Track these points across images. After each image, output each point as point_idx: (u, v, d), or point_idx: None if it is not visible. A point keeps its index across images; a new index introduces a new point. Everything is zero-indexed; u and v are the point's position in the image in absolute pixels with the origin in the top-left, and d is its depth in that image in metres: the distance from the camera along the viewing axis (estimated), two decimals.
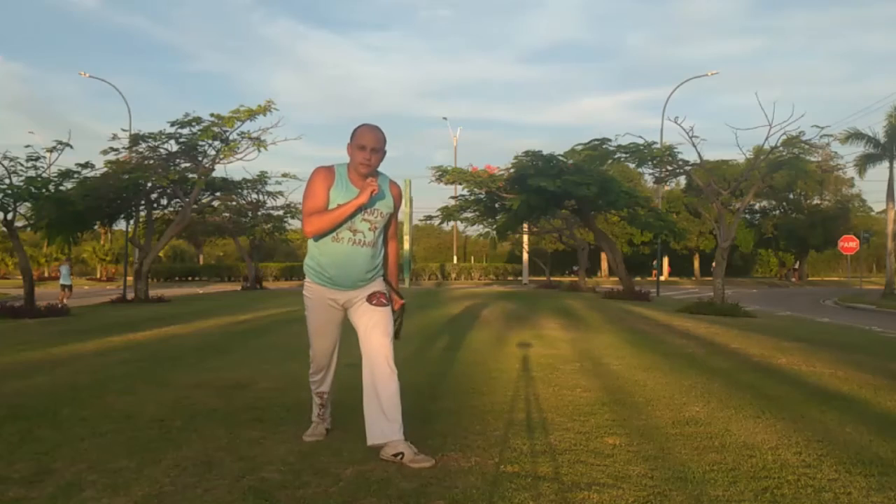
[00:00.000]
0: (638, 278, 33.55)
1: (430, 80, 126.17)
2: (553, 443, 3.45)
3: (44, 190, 13.72)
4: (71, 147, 14.65)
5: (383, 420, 3.07)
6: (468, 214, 25.40)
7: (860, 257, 48.57)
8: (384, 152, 3.19)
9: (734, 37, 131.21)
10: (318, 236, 3.20)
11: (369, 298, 3.26)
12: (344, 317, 3.37)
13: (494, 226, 24.16)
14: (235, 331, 9.44)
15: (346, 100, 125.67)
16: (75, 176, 15.30)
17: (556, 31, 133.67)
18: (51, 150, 15.29)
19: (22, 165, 13.67)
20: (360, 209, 3.15)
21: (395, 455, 3.01)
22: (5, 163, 13.37)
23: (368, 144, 3.11)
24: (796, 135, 14.62)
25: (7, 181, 13.21)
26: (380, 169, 3.26)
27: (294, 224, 29.69)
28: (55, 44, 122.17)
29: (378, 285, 3.32)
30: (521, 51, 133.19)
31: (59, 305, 14.48)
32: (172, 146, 17.16)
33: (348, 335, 3.43)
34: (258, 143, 16.91)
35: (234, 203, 25.10)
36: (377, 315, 3.23)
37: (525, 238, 33.51)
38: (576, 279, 28.35)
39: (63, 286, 19.52)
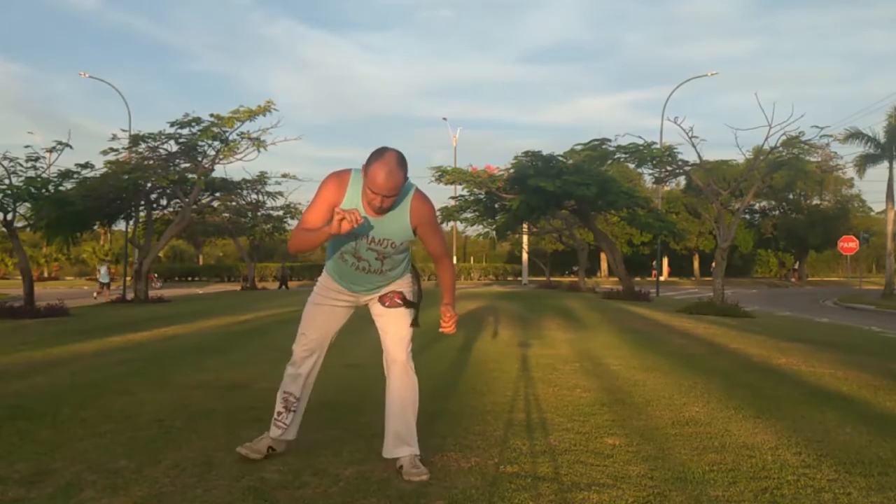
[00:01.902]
0: (637, 278, 33.54)
1: (430, 81, 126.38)
2: (553, 443, 3.45)
3: (43, 190, 13.71)
4: (70, 147, 14.67)
5: (393, 437, 2.96)
6: (468, 215, 25.42)
7: (860, 257, 48.58)
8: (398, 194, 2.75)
9: (734, 37, 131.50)
10: (329, 249, 2.98)
11: (381, 299, 3.03)
12: (347, 319, 3.16)
13: (494, 226, 24.18)
14: (235, 331, 9.44)
15: (346, 100, 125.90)
16: (75, 176, 15.30)
17: (556, 31, 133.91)
18: (50, 151, 15.30)
19: (22, 166, 13.68)
20: (357, 237, 2.81)
21: (399, 467, 2.93)
22: (5, 163, 13.37)
23: (382, 192, 2.67)
24: (796, 135, 14.64)
25: (7, 181, 13.22)
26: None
27: (294, 224, 29.70)
28: (55, 44, 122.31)
29: (397, 285, 3.07)
30: (521, 51, 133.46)
31: (95, 297, 16.41)
32: (172, 146, 17.17)
33: (347, 338, 3.42)
34: (258, 143, 16.92)
35: (233, 203, 25.12)
36: (390, 318, 3.02)
37: (525, 238, 33.52)
38: (575, 279, 28.37)
39: (102, 284, 22.02)
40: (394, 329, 3.01)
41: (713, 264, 16.81)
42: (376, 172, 2.66)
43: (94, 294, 20.36)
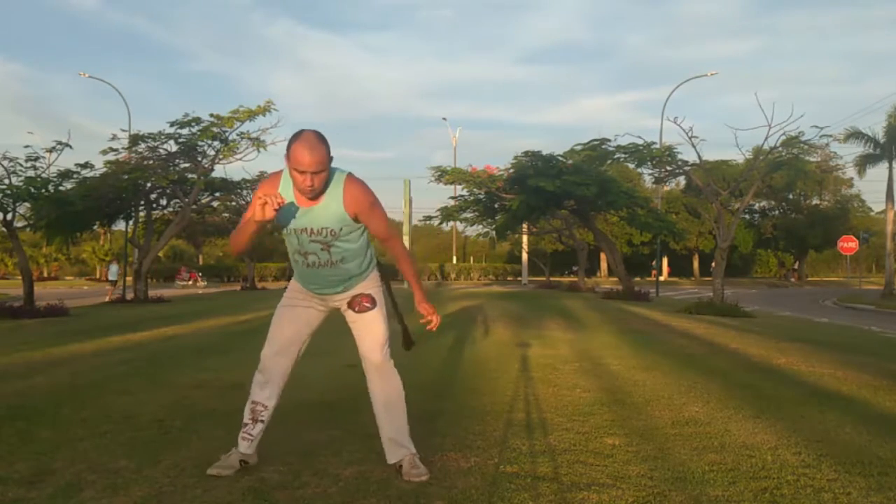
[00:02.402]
0: (637, 278, 33.56)
1: (430, 81, 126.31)
2: (552, 443, 3.45)
3: (43, 190, 13.71)
4: (70, 147, 14.66)
5: (388, 442, 2.97)
6: (468, 215, 25.42)
7: (859, 257, 48.59)
8: (328, 169, 2.71)
9: (734, 37, 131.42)
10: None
11: (351, 304, 2.98)
12: (319, 323, 3.08)
13: (494, 226, 24.18)
14: (235, 331, 9.44)
15: (346, 100, 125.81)
16: (75, 176, 15.30)
17: (555, 31, 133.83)
18: (50, 151, 15.29)
19: (21, 166, 13.67)
20: (297, 231, 2.81)
21: (398, 467, 2.92)
22: (5, 163, 13.37)
23: (308, 169, 2.63)
24: (796, 135, 14.64)
25: (7, 181, 13.21)
26: (337, 168, 2.79)
27: None
28: (55, 44, 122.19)
29: (364, 287, 2.99)
30: (521, 51, 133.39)
31: (108, 299, 17.84)
32: (172, 146, 17.15)
33: (346, 338, 3.42)
34: (257, 143, 16.91)
35: (233, 203, 25.08)
36: (362, 322, 2.98)
37: (524, 238, 33.52)
38: (575, 279, 28.36)
39: (112, 282, 22.59)
40: (367, 334, 2.97)
41: (713, 264, 16.83)
42: (298, 151, 2.63)
43: (107, 297, 20.49)
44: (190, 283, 34.08)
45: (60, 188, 14.79)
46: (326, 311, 3.08)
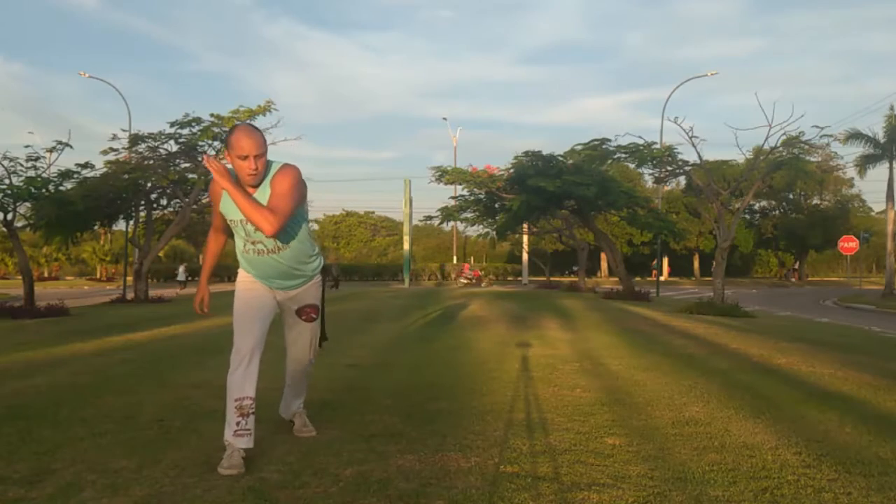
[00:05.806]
0: (638, 278, 33.53)
1: (430, 81, 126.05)
2: (553, 443, 3.45)
3: (43, 190, 13.73)
4: (71, 147, 14.68)
5: (291, 400, 3.58)
6: (468, 215, 25.39)
7: (860, 257, 48.64)
8: (266, 154, 2.98)
9: (734, 37, 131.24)
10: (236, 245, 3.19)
11: (299, 312, 3.32)
12: (274, 306, 3.26)
13: (494, 226, 24.17)
14: None
15: (346, 100, 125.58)
16: (75, 176, 15.31)
17: (555, 32, 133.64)
18: (50, 151, 15.30)
19: (22, 165, 13.70)
20: (243, 221, 3.00)
21: (291, 422, 3.58)
22: (5, 163, 13.39)
23: (250, 152, 2.89)
24: (796, 135, 14.65)
25: (7, 181, 13.22)
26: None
27: None
28: (55, 44, 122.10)
29: (310, 296, 3.31)
30: (521, 51, 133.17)
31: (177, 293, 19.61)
32: (172, 146, 17.15)
33: (347, 338, 3.42)
34: None
35: None
36: (304, 327, 3.37)
37: (525, 238, 33.51)
38: (575, 279, 28.34)
39: (180, 282, 25.27)
40: (306, 338, 3.39)
41: (713, 264, 16.81)
42: (236, 138, 2.92)
43: (176, 292, 21.76)
44: (473, 280, 32.63)
45: (61, 188, 14.80)
46: (276, 301, 3.28)
